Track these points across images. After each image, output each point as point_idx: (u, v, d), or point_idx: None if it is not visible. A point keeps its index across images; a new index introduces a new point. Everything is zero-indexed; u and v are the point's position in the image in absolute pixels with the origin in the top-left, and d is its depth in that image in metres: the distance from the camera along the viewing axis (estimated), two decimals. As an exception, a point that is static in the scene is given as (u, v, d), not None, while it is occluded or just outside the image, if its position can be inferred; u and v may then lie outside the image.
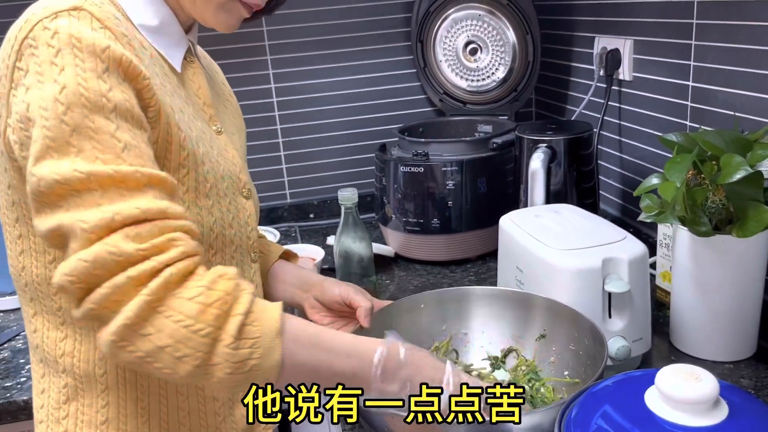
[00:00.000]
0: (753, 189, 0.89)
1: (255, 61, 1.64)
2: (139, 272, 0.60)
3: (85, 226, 0.60)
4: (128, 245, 0.60)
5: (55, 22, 0.64)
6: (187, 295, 0.61)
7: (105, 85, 0.63)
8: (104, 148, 0.62)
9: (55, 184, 0.61)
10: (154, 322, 0.60)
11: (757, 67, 1.00)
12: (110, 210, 0.60)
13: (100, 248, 0.60)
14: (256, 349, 0.63)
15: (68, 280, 0.60)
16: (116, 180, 0.61)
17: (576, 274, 0.92)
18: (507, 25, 1.55)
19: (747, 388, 0.92)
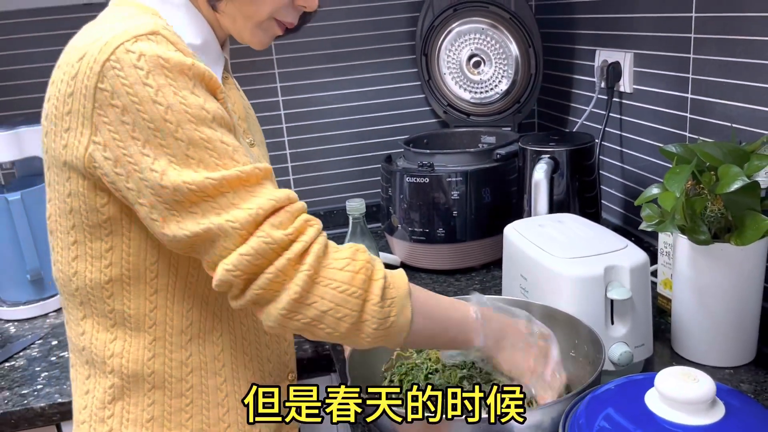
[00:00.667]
0: (750, 198, 0.91)
1: (264, 74, 1.68)
2: (294, 254, 0.70)
3: (236, 225, 0.68)
4: (277, 233, 0.70)
5: (137, 45, 0.68)
6: (337, 266, 0.72)
7: (200, 99, 0.69)
8: (220, 154, 0.69)
9: (191, 193, 0.67)
10: (316, 292, 0.71)
11: (753, 80, 1.03)
12: (253, 206, 0.69)
13: (257, 241, 0.69)
14: (393, 307, 0.74)
15: (233, 274, 0.69)
16: (242, 180, 0.70)
17: (579, 281, 0.95)
18: (510, 39, 1.58)
19: (747, 392, 0.94)
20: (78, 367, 0.82)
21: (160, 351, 0.77)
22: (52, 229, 0.79)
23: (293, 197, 0.73)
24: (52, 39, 1.53)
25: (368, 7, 1.68)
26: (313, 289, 0.71)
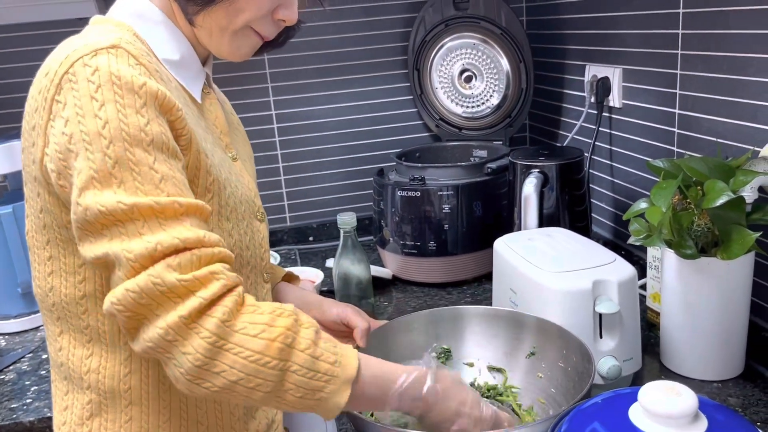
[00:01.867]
0: (736, 213, 0.92)
1: (257, 88, 1.69)
2: (188, 311, 0.64)
3: (130, 256, 0.64)
4: (171, 275, 0.64)
5: (95, 59, 0.68)
6: (250, 331, 0.66)
7: (143, 120, 0.68)
8: (143, 179, 0.67)
9: (100, 215, 0.65)
10: (224, 360, 0.65)
11: (738, 96, 1.04)
12: (152, 240, 0.65)
13: (145, 279, 0.64)
14: (328, 384, 0.69)
15: (116, 309, 0.65)
16: (156, 210, 0.66)
17: (567, 295, 0.95)
18: (501, 54, 1.60)
19: (734, 406, 0.95)
20: (57, 383, 0.82)
21: (136, 367, 0.77)
22: (30, 245, 0.79)
23: (209, 242, 0.68)
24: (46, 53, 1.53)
25: (361, 22, 1.70)
26: (219, 357, 0.65)
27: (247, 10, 0.77)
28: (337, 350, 0.71)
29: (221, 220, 0.78)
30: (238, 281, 0.69)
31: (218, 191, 0.77)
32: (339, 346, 0.72)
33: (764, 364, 1.03)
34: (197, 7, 0.77)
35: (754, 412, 0.93)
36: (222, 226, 0.78)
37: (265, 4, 0.78)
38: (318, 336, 0.70)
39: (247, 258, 0.83)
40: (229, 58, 0.83)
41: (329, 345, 0.71)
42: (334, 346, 0.71)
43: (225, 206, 0.79)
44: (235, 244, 0.80)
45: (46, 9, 1.37)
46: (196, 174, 0.74)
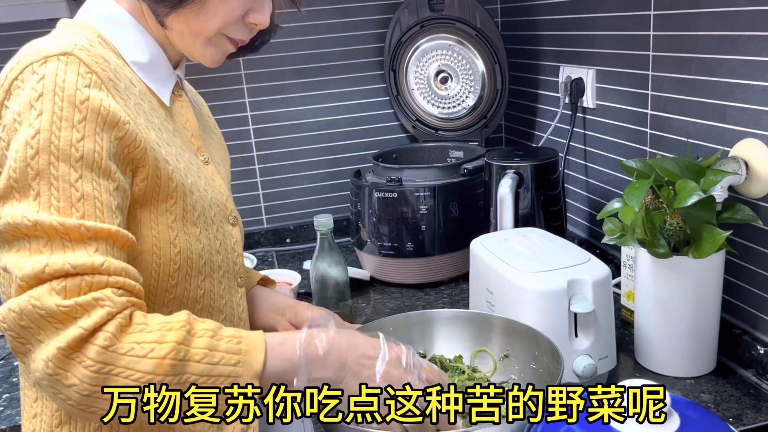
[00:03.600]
0: (706, 212, 0.94)
1: (232, 89, 1.68)
2: (67, 342, 0.62)
3: (19, 273, 0.63)
4: (51, 299, 0.62)
5: (44, 66, 0.67)
6: (139, 352, 0.64)
7: (77, 135, 0.66)
8: (60, 195, 0.65)
9: (9, 226, 0.64)
10: (114, 384, 0.64)
11: (708, 96, 1.06)
12: (43, 261, 0.63)
13: (26, 300, 0.63)
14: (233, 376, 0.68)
15: (2, 325, 0.64)
16: (60, 232, 0.64)
17: (542, 295, 0.96)
18: (476, 55, 1.61)
19: (707, 402, 0.97)
20: (26, 390, 0.81)
21: None
22: None
23: (106, 269, 0.65)
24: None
25: (336, 23, 1.69)
26: (109, 383, 0.64)
27: (218, 14, 0.76)
28: (241, 347, 0.69)
29: (187, 225, 0.77)
30: (127, 305, 0.66)
31: (182, 197, 0.76)
32: (244, 340, 0.70)
33: (735, 361, 1.04)
34: (166, 9, 0.76)
35: (726, 408, 0.95)
36: (188, 231, 0.77)
37: (236, 8, 0.77)
38: (216, 340, 0.69)
39: (218, 262, 0.83)
40: (201, 63, 0.82)
41: (231, 344, 0.69)
42: (237, 343, 0.69)
43: (191, 211, 0.77)
44: (204, 248, 0.79)
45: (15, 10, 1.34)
46: (156, 183, 0.73)
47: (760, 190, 0.98)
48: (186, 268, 0.77)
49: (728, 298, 1.06)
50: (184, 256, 0.76)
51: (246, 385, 0.68)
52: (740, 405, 0.95)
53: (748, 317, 1.05)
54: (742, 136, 1.00)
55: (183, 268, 0.76)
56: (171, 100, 0.83)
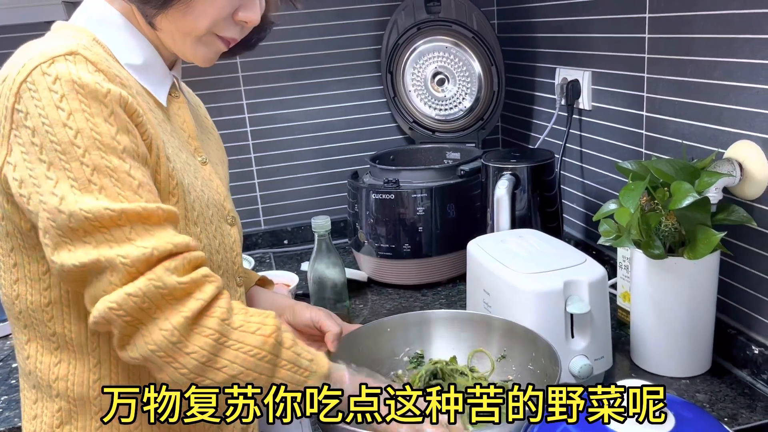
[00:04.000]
0: (701, 214, 0.95)
1: (229, 91, 1.68)
2: (192, 312, 0.67)
3: (126, 261, 0.65)
4: (170, 278, 0.67)
5: (53, 67, 0.67)
6: (249, 329, 0.71)
7: (113, 128, 0.68)
8: (123, 186, 0.67)
9: (86, 221, 0.65)
10: (226, 356, 0.69)
11: (703, 99, 1.07)
12: (147, 245, 0.66)
13: (146, 283, 0.66)
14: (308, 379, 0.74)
15: (116, 313, 0.66)
16: (142, 216, 0.67)
17: (539, 296, 0.97)
18: (472, 57, 1.61)
19: (702, 402, 0.97)
20: (26, 392, 0.81)
21: (105, 373, 0.77)
22: None
23: (193, 246, 0.71)
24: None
25: (334, 24, 1.70)
26: (220, 353, 0.68)
27: (206, 12, 0.77)
28: (311, 349, 0.76)
29: (188, 225, 0.78)
30: (223, 284, 0.72)
31: (183, 195, 0.77)
32: (311, 348, 0.77)
33: (730, 361, 1.05)
34: (154, 9, 0.76)
35: (721, 408, 0.95)
36: (189, 230, 0.78)
37: (223, 6, 0.77)
38: (294, 338, 0.75)
39: (218, 262, 0.83)
40: (194, 62, 0.83)
41: (304, 345, 0.76)
42: (308, 346, 0.76)
43: (191, 210, 0.78)
44: (204, 248, 0.80)
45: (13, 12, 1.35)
46: (157, 179, 0.74)
47: (755, 191, 0.98)
48: None
49: (723, 298, 1.07)
50: None
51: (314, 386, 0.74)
52: (735, 405, 0.96)
53: (743, 317, 1.05)
54: (736, 138, 1.01)
55: None
56: (168, 101, 0.83)
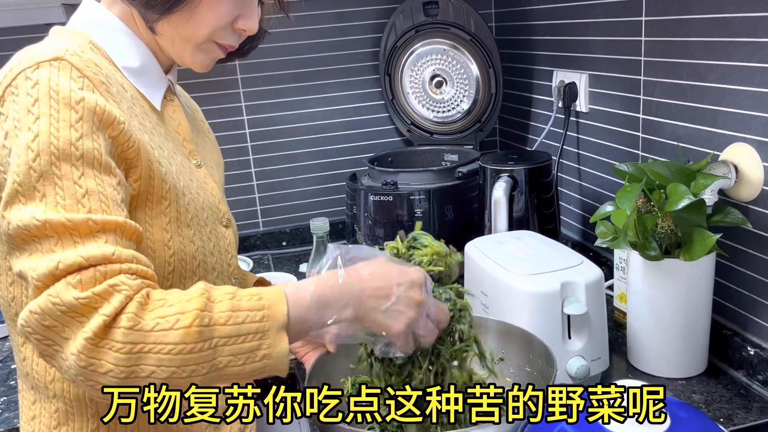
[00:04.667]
0: (697, 216, 0.95)
1: (228, 93, 1.68)
2: (92, 331, 0.62)
3: (34, 275, 0.64)
4: (69, 293, 0.63)
5: (37, 72, 0.68)
6: (164, 325, 0.64)
7: (76, 134, 0.67)
8: (65, 194, 0.66)
9: (19, 230, 0.65)
10: (148, 363, 0.64)
11: (699, 101, 1.08)
12: (56, 258, 0.64)
13: (45, 299, 0.63)
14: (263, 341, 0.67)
15: (26, 330, 0.64)
16: (69, 227, 0.65)
17: (536, 297, 0.97)
18: (470, 59, 1.62)
19: (698, 402, 0.98)
20: (24, 393, 0.82)
21: None
22: None
23: (118, 258, 0.66)
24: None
25: (332, 27, 1.71)
26: (141, 362, 0.63)
27: (208, 20, 0.78)
28: (263, 302, 0.68)
29: (181, 227, 0.78)
30: (142, 286, 0.66)
31: (175, 198, 0.77)
32: (264, 296, 0.69)
33: (726, 362, 1.06)
34: (156, 15, 0.77)
35: (717, 408, 0.96)
36: (182, 233, 0.78)
37: (225, 14, 0.78)
38: (236, 301, 0.68)
39: (212, 264, 0.84)
40: (191, 68, 0.84)
41: (252, 302, 0.68)
42: (258, 300, 0.68)
43: (185, 213, 0.79)
44: (198, 250, 0.80)
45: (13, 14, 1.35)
46: (150, 183, 0.74)
47: (750, 193, 0.99)
48: (180, 269, 0.78)
49: (719, 299, 1.08)
50: (178, 258, 0.77)
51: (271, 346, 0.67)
52: (731, 405, 0.96)
53: (739, 318, 1.06)
54: (732, 141, 1.02)
55: (177, 270, 0.77)
56: (162, 105, 0.84)
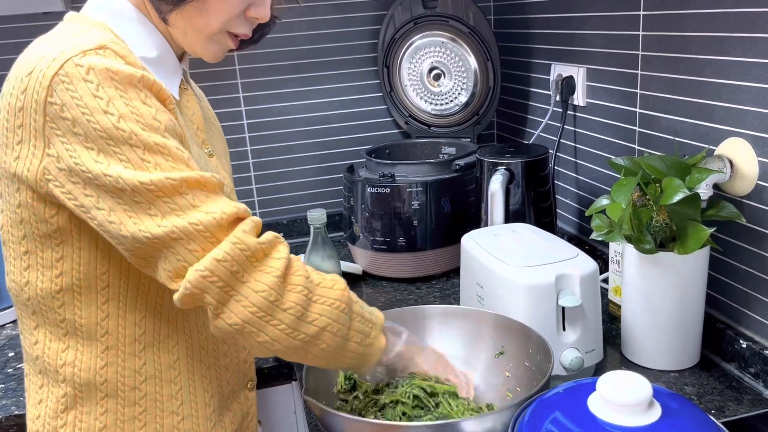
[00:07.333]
0: (691, 209, 0.96)
1: (226, 84, 1.68)
2: (281, 271, 0.71)
3: (200, 227, 0.68)
4: (251, 240, 0.70)
5: (86, 59, 0.69)
6: (327, 284, 0.76)
7: (152, 109, 0.70)
8: (175, 159, 0.70)
9: (149, 193, 0.67)
10: (314, 309, 0.74)
11: (695, 96, 1.08)
12: (215, 210, 0.69)
13: (231, 246, 0.69)
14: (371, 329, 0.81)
15: (209, 280, 0.68)
16: (201, 183, 0.70)
17: (531, 289, 0.98)
18: (468, 52, 1.62)
19: (690, 394, 0.99)
20: (31, 377, 0.82)
21: (113, 360, 0.78)
22: (5, 240, 0.79)
23: (245, 211, 0.74)
24: (10, 47, 1.51)
25: (331, 18, 1.70)
26: (310, 307, 0.73)
27: (220, 10, 0.78)
28: (373, 318, 0.82)
29: None
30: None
31: None
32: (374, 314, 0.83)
33: (719, 354, 1.07)
34: (169, 6, 0.77)
35: (708, 400, 0.97)
36: None
37: (237, 3, 0.79)
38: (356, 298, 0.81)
39: None
40: (203, 58, 0.84)
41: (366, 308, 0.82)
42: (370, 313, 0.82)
43: None
44: None
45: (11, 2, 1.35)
46: None
47: (744, 188, 1.00)
48: None
49: (712, 293, 1.08)
50: None
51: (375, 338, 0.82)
52: (723, 397, 0.97)
53: (732, 312, 1.07)
54: (727, 135, 1.02)
55: None
56: (179, 94, 0.85)
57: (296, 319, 0.72)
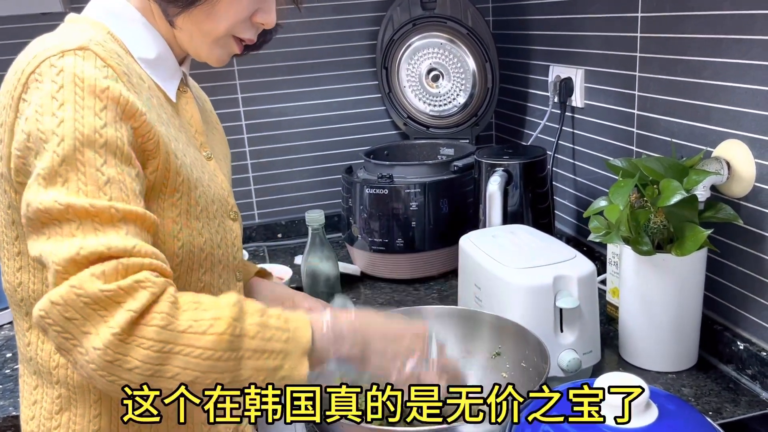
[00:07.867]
0: (689, 211, 0.96)
1: (224, 85, 1.69)
2: (120, 327, 0.62)
3: (54, 259, 0.63)
4: (92, 285, 0.62)
5: (62, 60, 0.68)
6: (198, 329, 0.65)
7: (100, 122, 0.67)
8: (87, 180, 0.66)
9: (39, 212, 0.65)
10: (175, 364, 0.64)
11: (693, 98, 1.08)
12: (77, 244, 0.63)
13: (67, 290, 0.62)
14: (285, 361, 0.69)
15: (45, 322, 0.63)
16: (91, 213, 0.65)
17: (529, 291, 0.98)
18: (467, 53, 1.62)
19: (688, 396, 0.99)
20: (26, 378, 0.82)
21: None
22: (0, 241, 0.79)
23: (138, 252, 0.65)
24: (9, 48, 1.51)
25: (329, 20, 1.71)
26: (168, 362, 0.63)
27: (228, 14, 0.78)
28: (289, 325, 0.70)
29: (190, 219, 0.79)
30: (166, 286, 0.66)
31: (187, 191, 0.78)
32: (290, 319, 0.71)
33: (716, 356, 1.07)
34: (177, 9, 0.77)
35: (706, 401, 0.97)
36: (191, 225, 0.79)
37: (244, 8, 0.79)
38: (265, 318, 0.69)
39: (219, 257, 0.84)
40: (207, 62, 0.84)
41: (280, 322, 0.70)
42: (285, 322, 0.70)
43: (194, 206, 0.79)
44: (206, 242, 0.81)
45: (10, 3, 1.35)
46: (165, 175, 0.75)
47: (741, 189, 1.00)
48: (188, 261, 0.78)
49: (710, 294, 1.09)
50: (187, 250, 0.78)
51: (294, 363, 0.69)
52: (720, 399, 0.98)
53: (729, 314, 1.07)
54: (724, 137, 1.02)
55: (185, 262, 0.78)
56: (176, 96, 0.85)
57: (148, 377, 0.63)
